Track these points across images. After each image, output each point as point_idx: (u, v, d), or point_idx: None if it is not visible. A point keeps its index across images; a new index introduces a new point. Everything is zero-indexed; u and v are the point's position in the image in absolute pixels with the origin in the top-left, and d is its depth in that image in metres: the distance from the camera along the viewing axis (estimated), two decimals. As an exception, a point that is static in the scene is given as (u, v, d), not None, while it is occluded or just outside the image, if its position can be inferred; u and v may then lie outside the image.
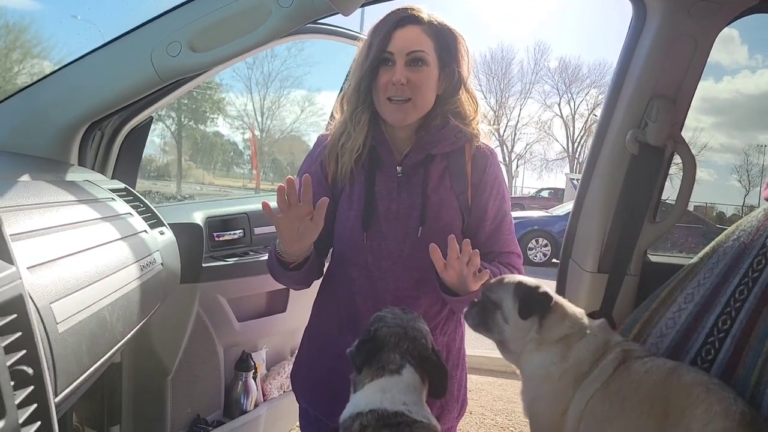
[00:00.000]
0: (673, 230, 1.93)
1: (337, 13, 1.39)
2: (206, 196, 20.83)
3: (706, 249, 1.58)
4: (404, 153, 1.42)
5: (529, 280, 1.40)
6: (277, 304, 2.22)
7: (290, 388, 2.26)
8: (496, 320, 1.39)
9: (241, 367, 2.09)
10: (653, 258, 1.92)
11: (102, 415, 1.81)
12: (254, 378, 2.13)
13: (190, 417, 1.95)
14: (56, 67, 1.51)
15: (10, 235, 0.75)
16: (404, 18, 1.35)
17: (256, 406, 2.15)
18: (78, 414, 1.79)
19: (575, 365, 1.34)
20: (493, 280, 1.39)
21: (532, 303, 1.37)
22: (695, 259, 1.59)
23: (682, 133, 1.82)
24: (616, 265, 1.82)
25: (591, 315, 1.67)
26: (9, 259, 0.70)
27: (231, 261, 1.97)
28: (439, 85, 1.40)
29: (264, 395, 2.21)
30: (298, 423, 1.67)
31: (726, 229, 1.61)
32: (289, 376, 2.26)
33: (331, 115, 1.67)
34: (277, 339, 2.32)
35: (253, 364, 2.12)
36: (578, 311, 1.44)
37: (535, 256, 11.49)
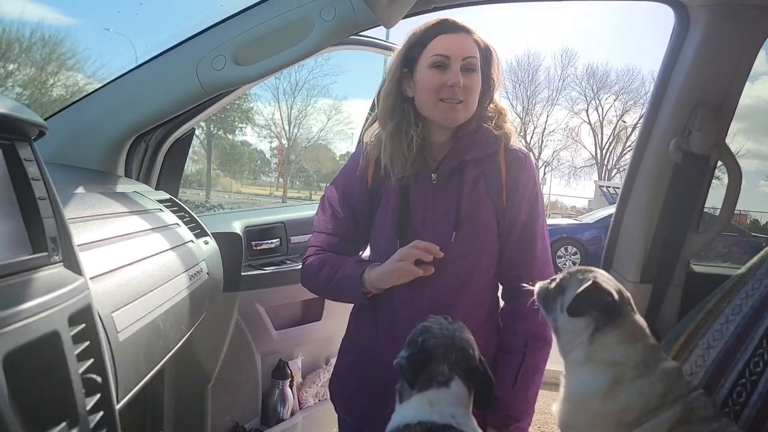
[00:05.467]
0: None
1: (379, 25, 1.41)
2: (234, 204, 21.09)
3: (754, 259, 1.54)
4: (439, 160, 1.43)
5: (609, 282, 1.29)
6: (312, 313, 2.23)
7: (325, 396, 2.28)
8: (556, 304, 1.32)
9: (277, 375, 2.10)
10: (696, 268, 1.89)
11: (144, 423, 1.83)
12: (290, 386, 2.14)
13: (229, 425, 1.97)
14: (89, 80, 1.55)
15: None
16: (456, 26, 1.39)
17: (292, 414, 2.15)
18: (121, 421, 1.82)
19: (621, 411, 1.20)
20: (581, 267, 1.35)
21: (587, 303, 1.25)
22: (743, 269, 1.56)
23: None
24: (660, 275, 1.79)
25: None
26: (78, 270, 0.72)
27: (269, 270, 1.99)
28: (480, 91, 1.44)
29: (300, 403, 2.22)
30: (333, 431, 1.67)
31: (763, 237, 1.58)
32: (324, 384, 2.28)
33: (371, 120, 1.63)
34: (313, 347, 2.33)
35: (289, 372, 2.13)
36: (649, 343, 1.29)
37: (565, 264, 11.21)
